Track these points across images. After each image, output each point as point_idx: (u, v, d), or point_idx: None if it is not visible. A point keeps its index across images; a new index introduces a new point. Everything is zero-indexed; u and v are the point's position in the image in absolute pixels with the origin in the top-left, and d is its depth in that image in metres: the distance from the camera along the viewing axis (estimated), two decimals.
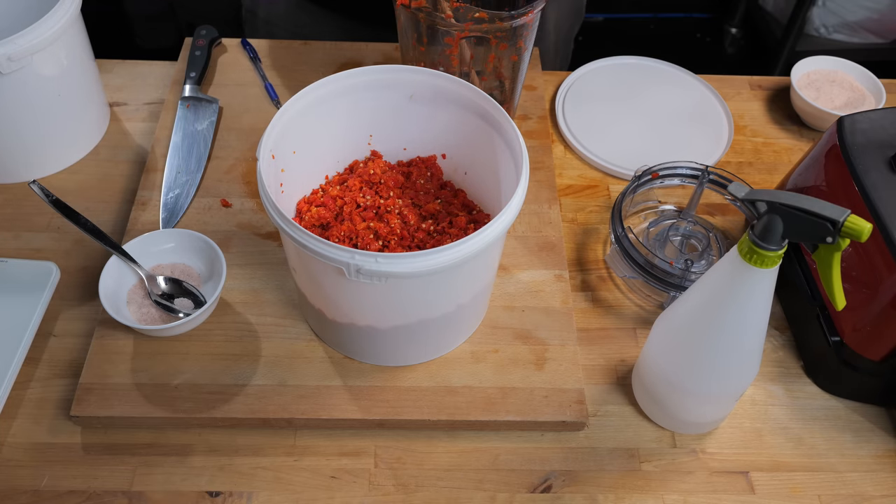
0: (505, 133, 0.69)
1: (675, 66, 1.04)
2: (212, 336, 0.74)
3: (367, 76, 0.72)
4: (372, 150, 0.80)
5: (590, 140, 0.95)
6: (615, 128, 0.97)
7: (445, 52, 0.83)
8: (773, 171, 0.94)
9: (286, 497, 0.67)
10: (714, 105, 1.00)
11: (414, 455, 0.70)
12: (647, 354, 0.69)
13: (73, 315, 0.77)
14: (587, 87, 1.01)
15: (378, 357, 0.72)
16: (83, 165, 0.90)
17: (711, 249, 0.81)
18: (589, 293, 0.82)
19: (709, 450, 0.71)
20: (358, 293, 0.64)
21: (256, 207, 0.84)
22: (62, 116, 0.86)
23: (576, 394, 0.71)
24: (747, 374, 0.64)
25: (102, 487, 0.67)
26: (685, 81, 1.03)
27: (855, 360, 0.71)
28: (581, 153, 0.93)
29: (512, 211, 0.62)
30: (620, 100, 1.00)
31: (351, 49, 1.02)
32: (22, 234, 0.83)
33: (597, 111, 0.98)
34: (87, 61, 0.89)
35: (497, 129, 0.71)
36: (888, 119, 0.73)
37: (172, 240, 0.78)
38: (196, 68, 0.96)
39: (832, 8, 2.12)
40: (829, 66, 1.01)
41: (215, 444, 0.70)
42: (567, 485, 0.68)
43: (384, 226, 0.72)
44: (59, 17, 0.79)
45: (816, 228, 0.52)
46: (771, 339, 0.79)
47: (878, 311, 0.67)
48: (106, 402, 0.69)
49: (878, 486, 0.70)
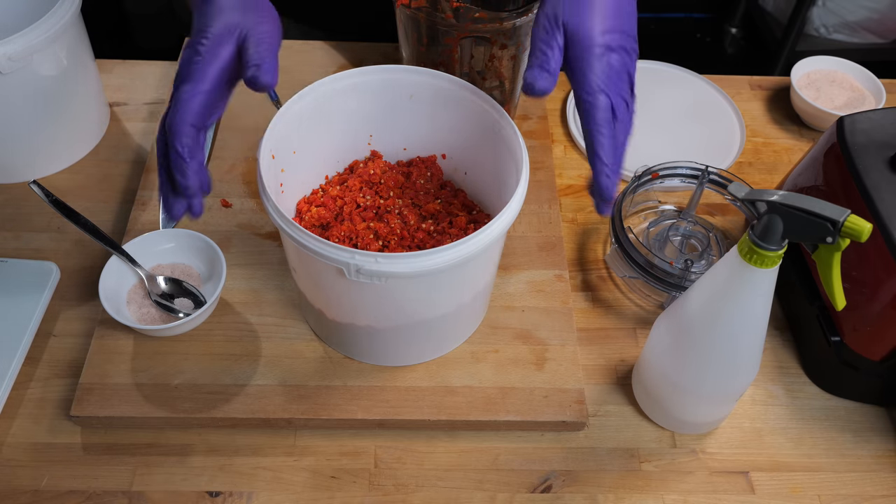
0: (505, 133, 0.69)
1: (686, 70, 1.04)
2: (212, 336, 0.74)
3: (367, 76, 0.72)
4: (372, 150, 0.80)
5: None
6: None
7: (445, 52, 0.83)
8: (773, 171, 0.94)
9: (286, 497, 0.67)
10: (725, 109, 1.00)
11: (414, 455, 0.70)
12: (647, 354, 0.69)
13: (73, 315, 0.77)
14: None
15: (378, 357, 0.72)
16: (83, 165, 0.90)
17: (711, 249, 0.82)
18: (589, 293, 0.82)
19: (709, 450, 0.71)
20: (358, 293, 0.64)
21: (256, 207, 0.84)
22: (62, 116, 0.86)
23: (576, 394, 0.71)
24: (747, 374, 0.64)
25: (102, 487, 0.67)
26: (695, 84, 1.03)
27: (855, 360, 0.71)
28: None
29: (512, 211, 0.62)
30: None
31: (351, 49, 1.02)
32: (22, 234, 0.83)
33: None
34: (87, 61, 0.89)
35: (497, 129, 0.71)
36: (888, 119, 0.73)
37: (172, 240, 0.78)
38: None
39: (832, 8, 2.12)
40: (829, 66, 1.01)
41: (215, 444, 0.70)
42: (567, 485, 0.68)
43: (384, 226, 0.72)
44: (59, 17, 0.79)
45: (816, 228, 0.52)
46: (771, 339, 0.79)
47: (878, 311, 0.67)
48: (106, 402, 0.69)
49: (878, 486, 0.70)
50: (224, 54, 0.59)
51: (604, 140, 0.57)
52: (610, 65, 0.58)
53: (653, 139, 0.96)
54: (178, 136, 0.57)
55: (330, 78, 0.71)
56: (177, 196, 0.60)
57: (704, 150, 0.95)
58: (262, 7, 0.61)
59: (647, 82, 1.03)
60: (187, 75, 0.58)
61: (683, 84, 1.03)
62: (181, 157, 0.58)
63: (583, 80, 0.58)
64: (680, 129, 0.98)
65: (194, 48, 0.59)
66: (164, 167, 0.60)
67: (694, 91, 1.02)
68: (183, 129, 0.57)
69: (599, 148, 0.58)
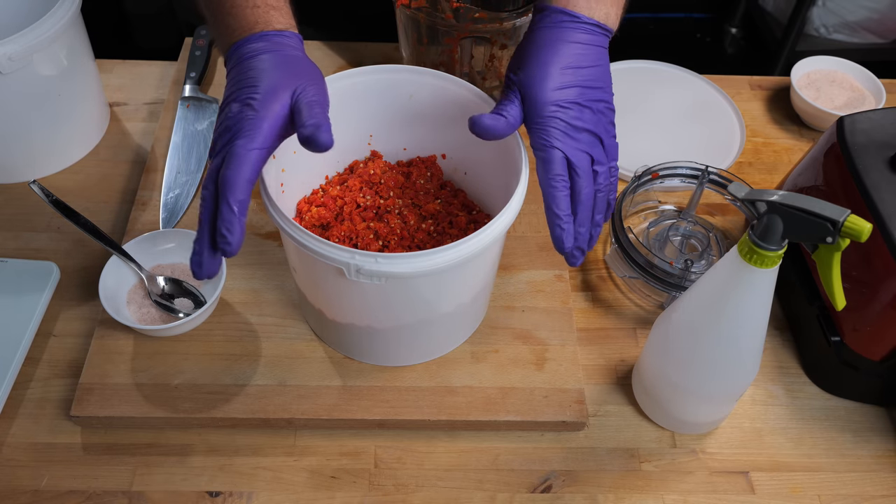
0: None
1: (686, 70, 1.04)
2: (212, 336, 0.74)
3: (367, 76, 0.72)
4: (372, 150, 0.80)
5: None
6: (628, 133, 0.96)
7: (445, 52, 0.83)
8: (773, 171, 0.94)
9: (286, 497, 0.67)
10: (725, 109, 1.00)
11: (414, 455, 0.70)
12: (647, 354, 0.69)
13: (73, 315, 0.77)
14: None
15: (378, 357, 0.72)
16: (83, 165, 0.90)
17: (711, 249, 0.82)
18: (589, 293, 0.82)
19: (709, 450, 0.71)
20: (358, 293, 0.64)
21: (256, 207, 0.84)
22: (62, 116, 0.86)
23: (576, 394, 0.71)
24: (747, 374, 0.64)
25: (102, 487, 0.67)
26: (695, 84, 1.03)
27: (855, 360, 0.71)
28: None
29: (512, 211, 0.62)
30: (633, 103, 1.00)
31: (351, 49, 1.02)
32: (22, 234, 0.83)
33: None
34: (87, 61, 0.89)
35: None
36: (888, 119, 0.73)
37: (172, 240, 0.78)
38: (196, 68, 0.96)
39: (832, 8, 2.12)
40: (829, 66, 1.01)
41: (215, 444, 0.70)
42: (567, 485, 0.68)
43: (384, 226, 0.72)
44: (59, 17, 0.79)
45: (816, 228, 0.52)
46: (771, 339, 0.79)
47: (878, 311, 0.67)
48: (106, 402, 0.69)
49: (878, 486, 0.70)
50: (280, 112, 0.57)
51: (556, 193, 0.60)
52: (565, 121, 0.60)
53: (653, 139, 0.96)
54: (233, 192, 0.55)
55: (330, 78, 0.71)
56: (215, 254, 0.57)
57: (704, 150, 0.95)
58: (309, 69, 0.61)
59: (647, 82, 1.03)
60: (241, 130, 0.56)
61: (683, 84, 1.03)
62: (233, 212, 0.55)
63: (534, 137, 0.61)
64: (680, 129, 0.98)
65: (246, 103, 0.57)
66: (209, 221, 0.57)
67: (694, 91, 1.02)
68: (240, 185, 0.55)
69: (552, 201, 0.60)
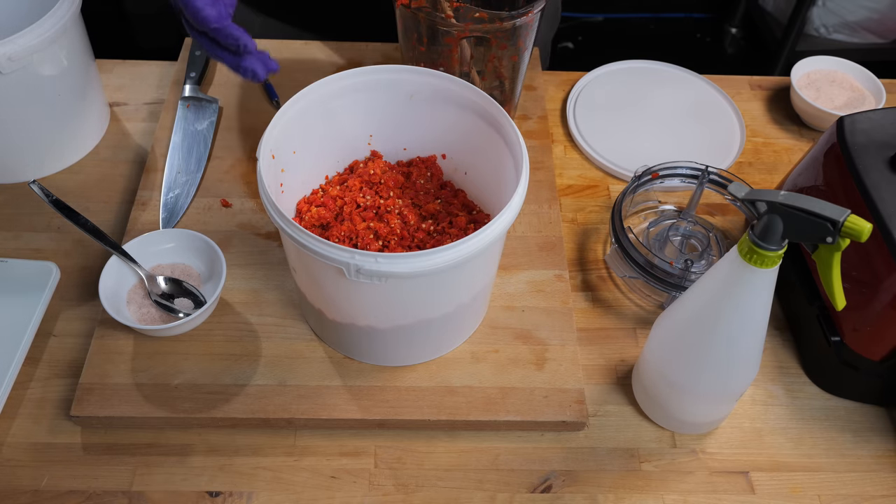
0: (505, 133, 0.69)
1: (686, 70, 1.04)
2: (212, 336, 0.74)
3: (367, 76, 0.72)
4: (372, 150, 0.80)
5: (603, 145, 0.94)
6: (628, 133, 0.97)
7: (445, 52, 0.83)
8: (773, 171, 0.94)
9: (286, 497, 0.67)
10: (725, 109, 1.00)
11: (414, 455, 0.70)
12: (647, 354, 0.69)
13: (73, 315, 0.77)
14: (599, 92, 1.01)
15: (378, 357, 0.72)
16: (83, 165, 0.90)
17: (711, 249, 0.82)
18: (589, 293, 0.82)
19: (709, 450, 0.71)
20: (358, 293, 0.64)
21: (256, 207, 0.84)
22: (62, 116, 0.86)
23: (576, 394, 0.71)
24: (747, 374, 0.64)
25: (102, 487, 0.67)
26: (695, 84, 1.03)
27: (855, 360, 0.71)
28: (597, 161, 0.93)
29: (512, 211, 0.62)
30: (633, 103, 1.00)
31: (351, 49, 1.02)
32: (22, 234, 0.83)
33: (609, 116, 0.98)
34: (87, 61, 0.89)
35: (497, 129, 0.71)
36: (888, 119, 0.73)
37: (172, 240, 0.78)
38: (196, 68, 0.96)
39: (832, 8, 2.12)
40: (829, 66, 1.01)
41: (215, 444, 0.70)
42: (567, 485, 0.68)
43: (384, 226, 0.72)
44: (59, 17, 0.79)
45: (816, 228, 0.52)
46: (771, 339, 0.79)
47: (878, 311, 0.67)
48: (106, 402, 0.69)
49: (878, 486, 0.70)
50: None
51: None
52: None
53: (653, 139, 0.96)
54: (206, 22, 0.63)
55: (330, 78, 0.71)
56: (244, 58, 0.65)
57: (704, 150, 0.95)
58: None
59: (647, 82, 1.03)
60: None
61: (683, 84, 1.03)
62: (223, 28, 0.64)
63: None
64: (680, 129, 0.98)
65: None
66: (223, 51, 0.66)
67: (694, 91, 1.02)
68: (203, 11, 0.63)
69: None
